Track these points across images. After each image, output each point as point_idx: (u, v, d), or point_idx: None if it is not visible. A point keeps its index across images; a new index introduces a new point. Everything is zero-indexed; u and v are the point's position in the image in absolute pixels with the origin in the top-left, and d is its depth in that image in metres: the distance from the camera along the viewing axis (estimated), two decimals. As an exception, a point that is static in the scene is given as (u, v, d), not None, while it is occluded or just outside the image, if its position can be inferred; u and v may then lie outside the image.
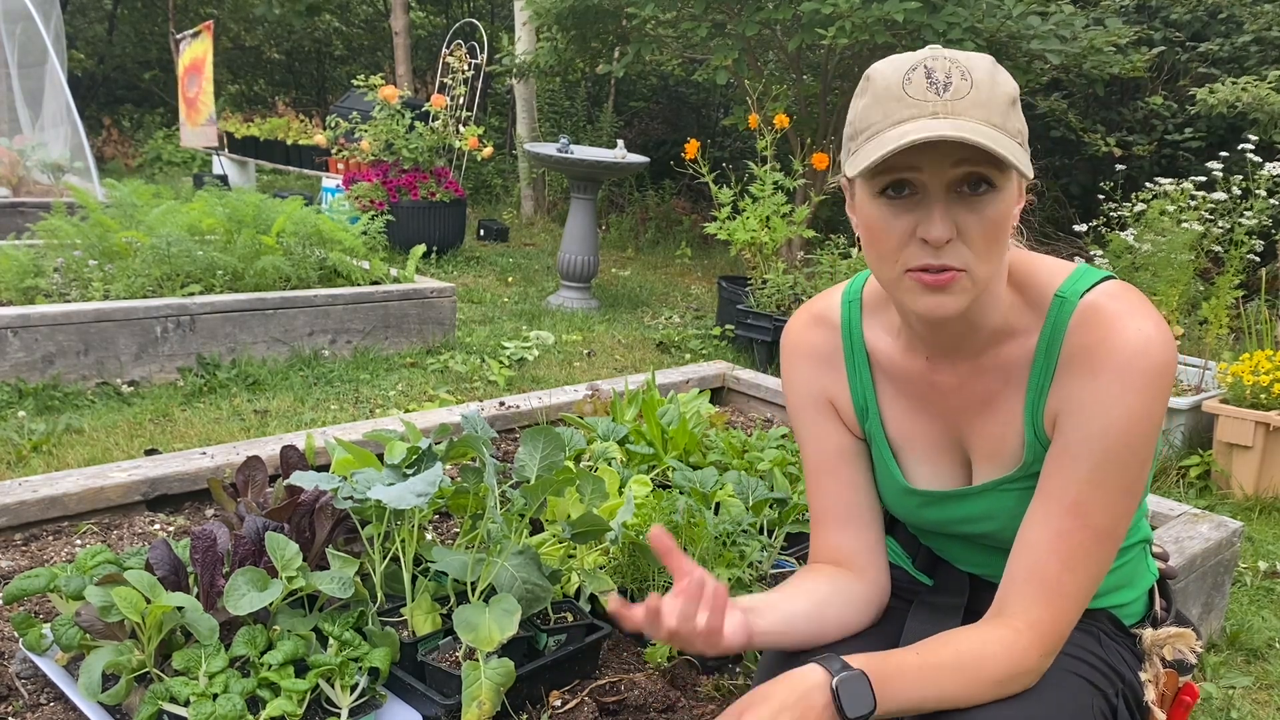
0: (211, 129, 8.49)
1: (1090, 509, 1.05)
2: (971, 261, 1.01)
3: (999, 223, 1.01)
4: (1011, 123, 1.01)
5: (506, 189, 10.07)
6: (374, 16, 14.35)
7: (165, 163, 11.38)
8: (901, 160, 0.99)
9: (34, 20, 7.38)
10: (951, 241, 1.00)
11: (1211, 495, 3.45)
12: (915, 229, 1.01)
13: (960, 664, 1.04)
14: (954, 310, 1.03)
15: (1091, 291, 1.08)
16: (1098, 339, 1.05)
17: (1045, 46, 5.30)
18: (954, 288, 1.02)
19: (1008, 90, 1.02)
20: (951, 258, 1.01)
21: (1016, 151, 0.99)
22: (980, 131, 0.97)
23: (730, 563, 1.88)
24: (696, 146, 5.02)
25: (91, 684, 1.44)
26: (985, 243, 1.01)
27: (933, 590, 1.29)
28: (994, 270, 1.04)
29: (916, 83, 1.00)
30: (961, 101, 0.98)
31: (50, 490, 2.14)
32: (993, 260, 1.03)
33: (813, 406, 1.27)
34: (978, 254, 1.01)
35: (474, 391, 3.95)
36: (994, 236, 1.02)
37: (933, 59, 1.01)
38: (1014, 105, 1.02)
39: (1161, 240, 4.02)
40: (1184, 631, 1.22)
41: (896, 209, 1.02)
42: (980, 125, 0.98)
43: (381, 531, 1.71)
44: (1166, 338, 1.04)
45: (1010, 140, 0.99)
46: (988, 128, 0.98)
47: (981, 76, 1.00)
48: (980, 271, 1.02)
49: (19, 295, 3.76)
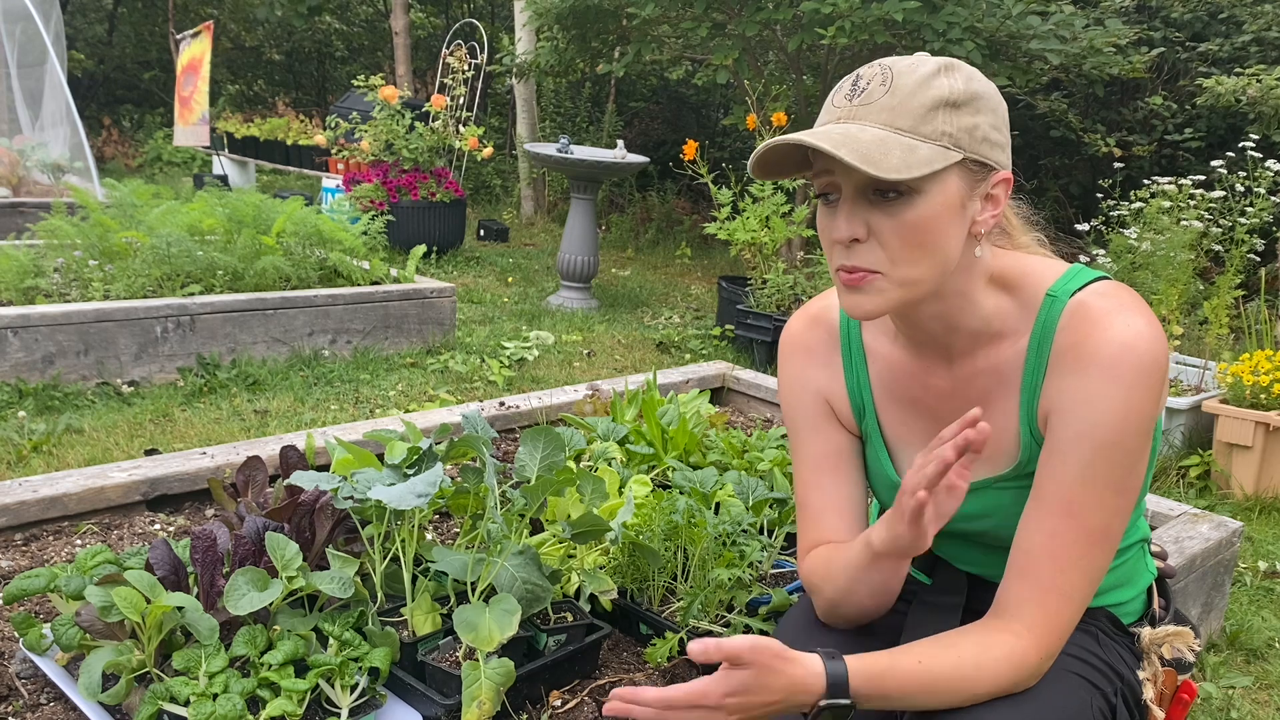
0: (204, 128, 8.47)
1: (1083, 508, 1.05)
2: (885, 264, 1.04)
3: (917, 227, 1.02)
4: (931, 126, 1.01)
5: (506, 189, 10.07)
6: (374, 16, 14.35)
7: (165, 163, 11.38)
8: (822, 166, 1.05)
9: (34, 20, 7.38)
10: (864, 243, 1.04)
11: (1211, 495, 3.45)
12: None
13: (961, 672, 1.04)
14: (870, 310, 1.06)
15: (1082, 290, 1.09)
16: (1084, 335, 1.06)
17: (1045, 46, 5.30)
18: (868, 288, 1.05)
19: (939, 94, 1.01)
20: (860, 259, 1.04)
21: (910, 156, 0.99)
22: (859, 137, 0.99)
23: (730, 563, 1.88)
24: (695, 147, 5.02)
25: (91, 684, 1.44)
26: (901, 246, 1.03)
27: (932, 589, 1.30)
28: (925, 272, 1.04)
29: (844, 89, 1.06)
30: (867, 107, 1.02)
31: (50, 490, 2.14)
32: (918, 263, 1.04)
33: (810, 406, 1.28)
34: (893, 257, 1.03)
35: (474, 391, 3.95)
36: (911, 240, 1.03)
37: (871, 66, 1.06)
38: (947, 108, 1.02)
39: (1161, 239, 4.02)
40: (1182, 630, 1.23)
41: (827, 212, 1.07)
42: (877, 129, 1.00)
43: (381, 531, 1.71)
44: (1156, 333, 1.04)
45: (916, 143, 1.00)
46: (885, 130, 1.00)
47: (907, 81, 1.02)
48: (899, 273, 1.04)
49: (19, 295, 3.76)
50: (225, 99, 13.72)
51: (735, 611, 1.87)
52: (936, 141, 1.01)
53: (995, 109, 1.06)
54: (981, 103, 1.04)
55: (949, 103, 1.02)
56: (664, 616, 1.86)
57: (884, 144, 0.99)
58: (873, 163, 0.98)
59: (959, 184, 1.03)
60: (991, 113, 1.05)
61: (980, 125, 1.03)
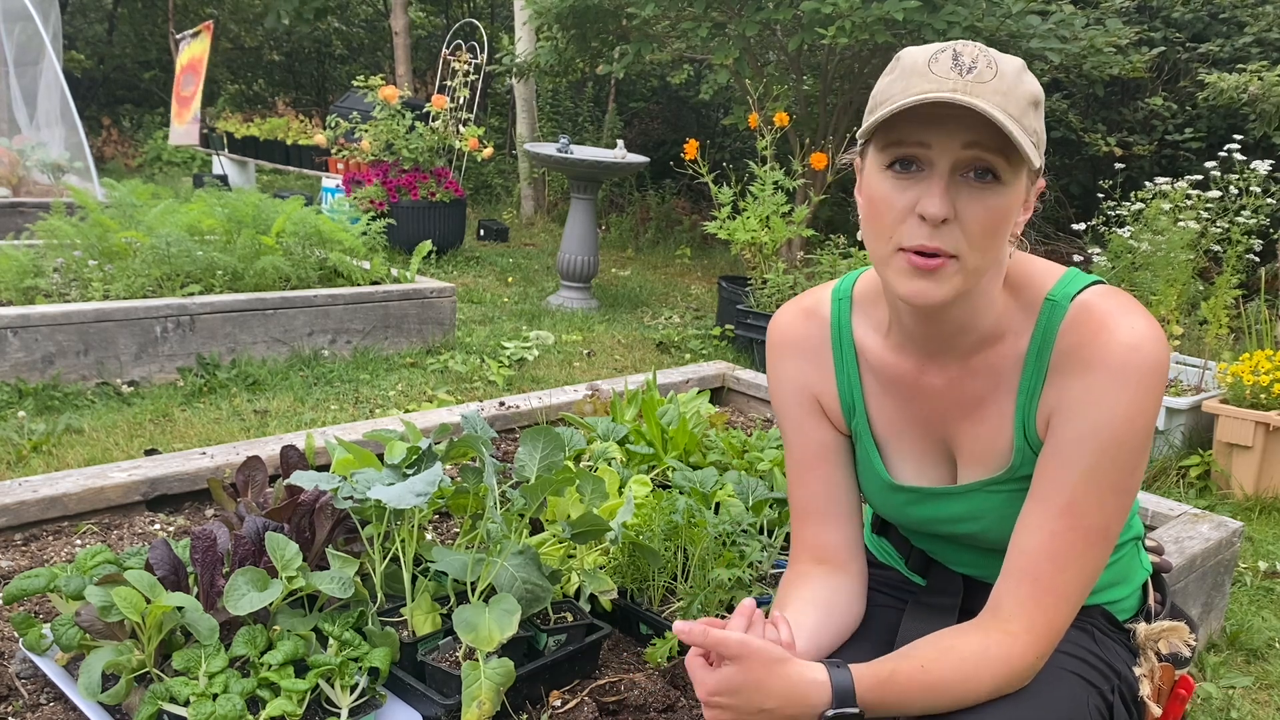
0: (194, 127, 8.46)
1: (1084, 509, 1.05)
2: (964, 249, 1.00)
3: (1000, 216, 1.00)
4: (1029, 121, 1.01)
5: (506, 189, 10.07)
6: (374, 16, 14.35)
7: (165, 163, 11.38)
8: (912, 134, 0.99)
9: (33, 20, 7.38)
10: (949, 224, 0.99)
11: (1211, 495, 3.44)
12: (915, 205, 1.00)
13: (963, 674, 1.04)
14: (938, 298, 1.01)
15: (1083, 293, 1.09)
16: (1089, 337, 1.05)
17: (1045, 46, 5.30)
18: (941, 274, 1.01)
19: (1032, 91, 1.02)
20: (945, 241, 1.00)
21: (1029, 147, 0.98)
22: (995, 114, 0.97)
23: (730, 563, 1.88)
24: (696, 147, 5.02)
25: (91, 684, 1.44)
26: (982, 233, 1.00)
27: (927, 591, 1.29)
28: (987, 264, 1.03)
29: (943, 61, 1.00)
30: (983, 85, 0.98)
31: (50, 490, 2.14)
32: (988, 253, 1.02)
33: (798, 401, 1.27)
34: (972, 242, 1.00)
35: (474, 391, 3.95)
36: (992, 229, 1.00)
37: (963, 45, 1.02)
38: (1035, 107, 1.02)
39: (1160, 239, 4.02)
40: (1177, 625, 1.23)
41: (902, 184, 1.01)
42: (997, 110, 0.97)
43: (381, 531, 1.71)
44: (1159, 335, 1.04)
45: (1024, 135, 0.98)
46: (1004, 115, 0.97)
47: (1008, 69, 1.01)
48: (972, 261, 1.01)
49: (19, 295, 3.76)
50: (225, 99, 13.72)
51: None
52: (1031, 137, 1.00)
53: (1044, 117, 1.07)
54: (1042, 109, 1.05)
55: (1037, 102, 1.02)
56: (664, 616, 1.86)
57: (1011, 125, 0.97)
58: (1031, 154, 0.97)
59: (1025, 183, 1.04)
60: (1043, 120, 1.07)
61: (1041, 130, 1.04)
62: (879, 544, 1.41)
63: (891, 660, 1.05)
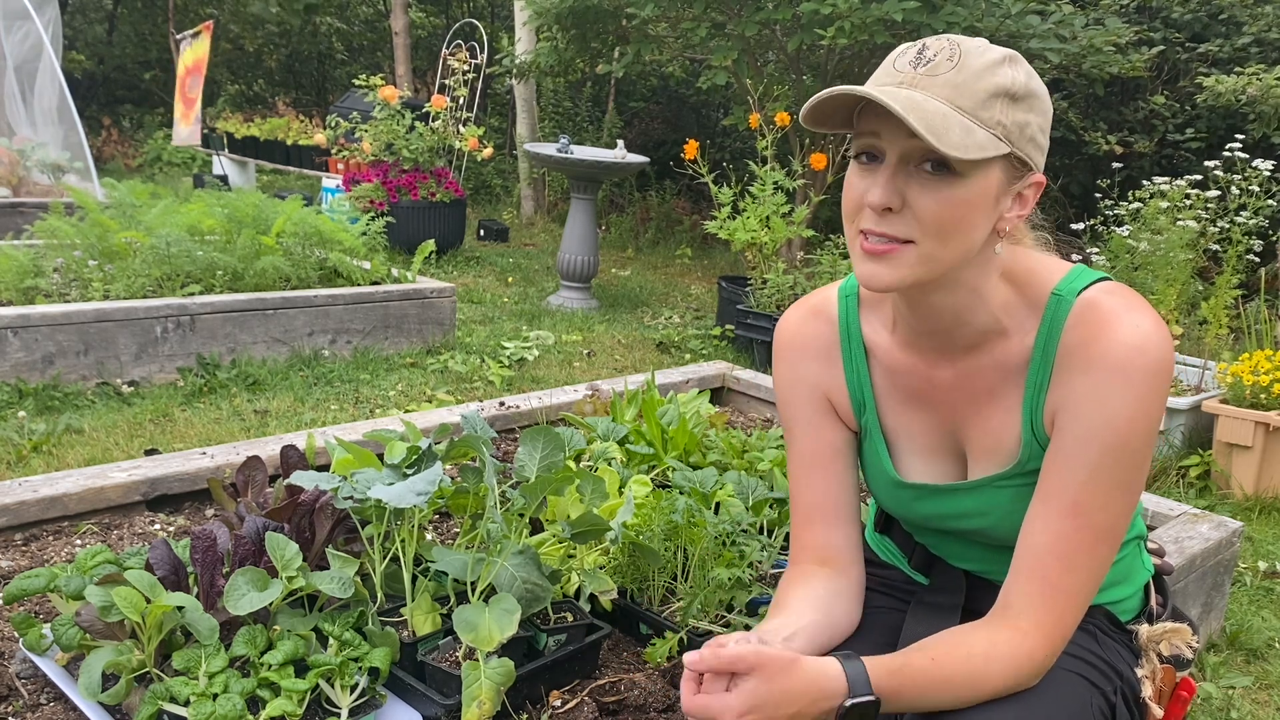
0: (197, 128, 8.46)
1: (1090, 508, 1.05)
2: (919, 236, 1.02)
3: (954, 207, 1.01)
4: (989, 113, 1.00)
5: (506, 189, 10.07)
6: (374, 16, 14.35)
7: (165, 163, 11.38)
8: (867, 126, 1.03)
9: (32, 20, 7.38)
10: (897, 212, 1.02)
11: (1211, 495, 3.45)
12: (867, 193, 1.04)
13: (971, 669, 1.04)
14: (886, 282, 1.03)
15: (1088, 289, 1.08)
16: (1094, 335, 1.05)
17: (1045, 46, 5.30)
18: (891, 259, 1.03)
19: (1001, 83, 1.00)
20: (892, 227, 1.02)
21: (967, 138, 0.97)
22: (924, 106, 0.97)
23: (730, 562, 1.88)
24: (696, 147, 5.02)
25: (91, 684, 1.44)
26: (935, 222, 1.01)
27: (930, 589, 1.29)
28: (950, 254, 1.03)
29: (907, 56, 1.03)
30: (933, 78, 1.00)
31: (50, 490, 2.14)
32: (947, 243, 1.02)
33: (809, 401, 1.27)
34: (925, 231, 1.01)
35: (474, 391, 3.95)
36: (946, 219, 1.01)
37: (939, 39, 1.03)
38: (1006, 99, 1.01)
39: (1159, 239, 4.03)
40: (1179, 626, 1.23)
41: (862, 173, 1.05)
42: (940, 103, 0.98)
43: (381, 531, 1.71)
44: (1164, 334, 1.04)
45: (974, 126, 0.98)
46: (947, 106, 0.98)
47: (975, 62, 1.00)
48: (928, 248, 1.02)
49: (19, 295, 3.76)
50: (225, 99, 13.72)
51: (735, 611, 1.87)
52: (992, 129, 1.00)
53: (1045, 111, 1.05)
54: (1036, 102, 1.03)
55: (1010, 94, 1.01)
56: (664, 616, 1.86)
57: (946, 119, 0.97)
58: (937, 134, 0.96)
59: (999, 177, 1.03)
60: (1042, 114, 1.05)
61: (1031, 124, 1.03)
62: (881, 542, 1.41)
63: (903, 653, 1.06)
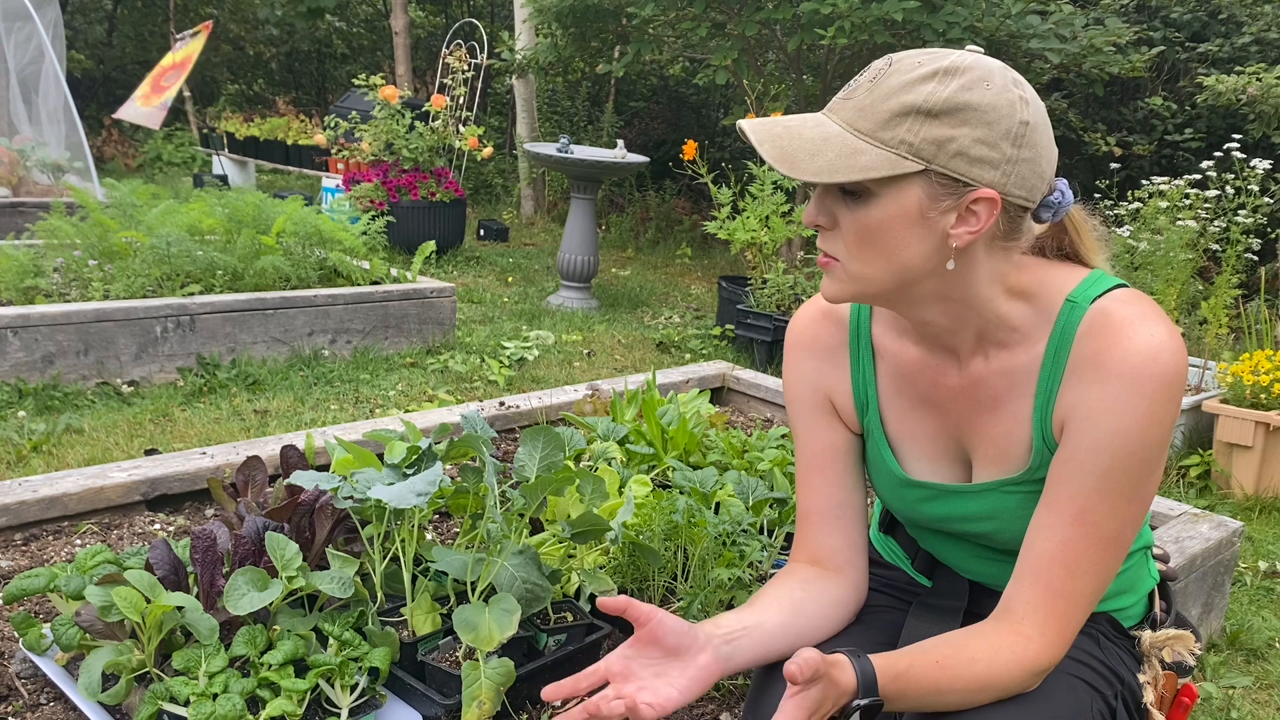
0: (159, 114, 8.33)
1: (1098, 517, 1.04)
2: (842, 254, 1.06)
3: (868, 228, 1.02)
4: (891, 132, 0.98)
5: (506, 189, 10.07)
6: (374, 16, 14.34)
7: (165, 163, 11.39)
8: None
9: (33, 20, 7.38)
10: (830, 230, 1.07)
11: (1211, 495, 3.45)
12: None
13: (975, 672, 1.04)
14: (832, 294, 1.09)
15: (1103, 297, 1.07)
16: (1107, 345, 1.04)
17: (1045, 46, 5.30)
18: (830, 273, 1.08)
19: (912, 101, 0.98)
20: (826, 244, 1.08)
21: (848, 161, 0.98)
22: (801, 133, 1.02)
23: (730, 562, 1.88)
24: (695, 147, 5.02)
25: (91, 684, 1.44)
26: (854, 242, 1.04)
27: (932, 592, 1.29)
28: (874, 273, 1.05)
29: (858, 78, 1.06)
30: (846, 102, 1.03)
31: (50, 490, 2.14)
32: (869, 263, 1.04)
33: (811, 402, 1.27)
34: (849, 250, 1.05)
35: (474, 391, 3.95)
36: (862, 239, 1.04)
37: (886, 58, 1.05)
38: (918, 116, 0.98)
39: (1159, 239, 4.03)
40: (1183, 633, 1.22)
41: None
42: (836, 126, 1.02)
43: (381, 531, 1.71)
44: (1178, 344, 1.02)
45: (867, 147, 0.99)
46: (844, 129, 1.01)
47: (892, 81, 1.00)
48: (852, 268, 1.06)
49: (19, 295, 3.76)
50: (225, 99, 13.71)
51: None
52: (893, 149, 0.98)
53: (992, 123, 0.98)
54: (969, 114, 0.98)
55: (922, 111, 0.98)
56: (664, 616, 1.86)
57: (823, 144, 1.00)
58: (791, 162, 0.99)
59: (919, 195, 1.00)
60: (984, 126, 0.98)
61: (958, 139, 0.98)
62: (885, 543, 1.41)
63: (908, 654, 1.05)
